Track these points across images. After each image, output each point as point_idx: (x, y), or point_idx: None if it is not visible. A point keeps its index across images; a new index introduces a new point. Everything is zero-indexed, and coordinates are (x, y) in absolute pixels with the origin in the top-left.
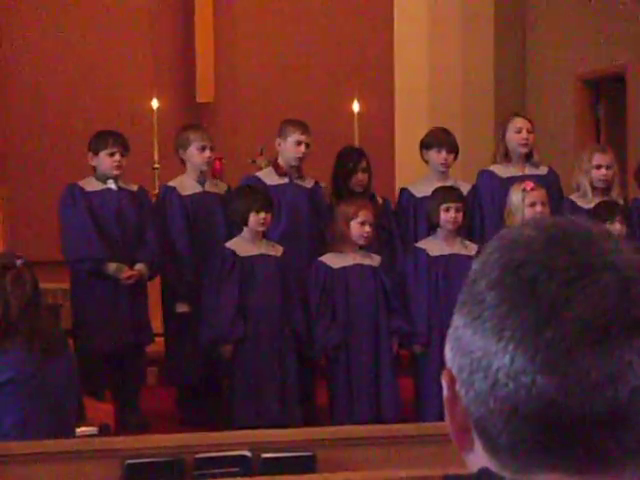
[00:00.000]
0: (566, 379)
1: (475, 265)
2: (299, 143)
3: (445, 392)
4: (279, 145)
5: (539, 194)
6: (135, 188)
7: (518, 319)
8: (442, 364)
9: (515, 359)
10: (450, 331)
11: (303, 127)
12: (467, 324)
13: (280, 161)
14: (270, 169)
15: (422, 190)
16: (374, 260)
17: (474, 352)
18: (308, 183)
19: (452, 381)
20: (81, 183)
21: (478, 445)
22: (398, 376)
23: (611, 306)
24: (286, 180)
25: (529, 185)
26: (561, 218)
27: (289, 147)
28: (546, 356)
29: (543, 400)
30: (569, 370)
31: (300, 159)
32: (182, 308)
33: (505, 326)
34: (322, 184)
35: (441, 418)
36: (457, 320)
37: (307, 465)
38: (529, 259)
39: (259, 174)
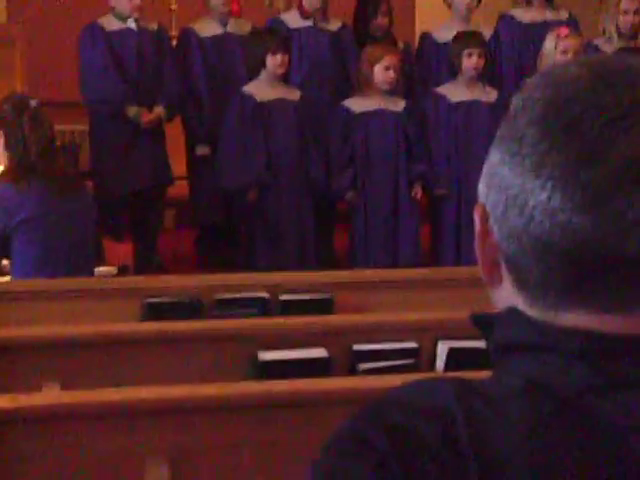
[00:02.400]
0: (602, 218)
1: (516, 101)
2: None
3: (477, 227)
4: None
5: (572, 42)
6: (155, 27)
7: (558, 157)
8: (459, 210)
9: (552, 197)
10: (485, 167)
11: None
12: (505, 160)
13: (305, 3)
14: (294, 11)
15: (444, 35)
16: (398, 105)
17: (510, 188)
18: (333, 26)
19: (485, 216)
20: (100, 22)
21: (507, 281)
22: (417, 222)
23: None
24: (310, 23)
25: (563, 32)
26: (608, 56)
27: None
28: (584, 195)
29: (578, 239)
30: (606, 209)
31: (324, 0)
32: (202, 150)
33: (544, 163)
34: None
35: (457, 264)
36: (494, 156)
37: (325, 307)
38: (574, 96)
39: (283, 16)
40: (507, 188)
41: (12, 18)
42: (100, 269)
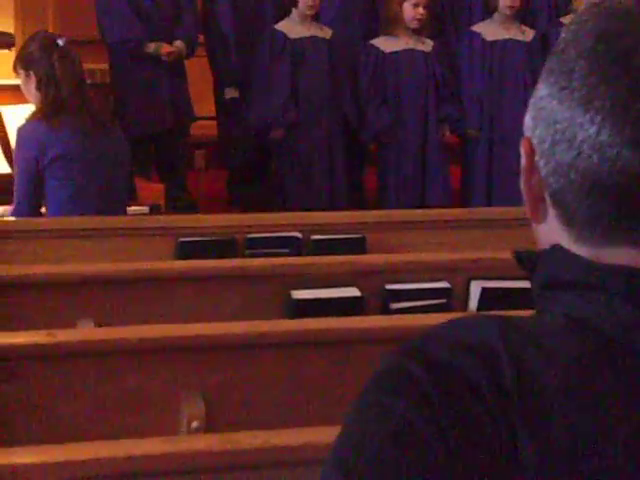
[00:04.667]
0: None
1: (565, 34)
2: None
3: (523, 161)
4: None
5: None
6: None
7: (609, 90)
8: (491, 151)
9: (602, 131)
10: (532, 100)
11: None
12: (553, 94)
13: None
14: None
15: None
16: (426, 45)
17: (558, 122)
18: None
19: (531, 151)
20: None
21: (552, 217)
22: (447, 163)
23: None
24: None
25: None
26: None
27: None
28: (634, 129)
29: (627, 173)
30: None
31: None
32: (231, 94)
33: (594, 97)
34: None
35: (487, 205)
36: (542, 89)
37: (357, 247)
38: (625, 29)
39: None
40: (555, 122)
41: None
42: (132, 208)
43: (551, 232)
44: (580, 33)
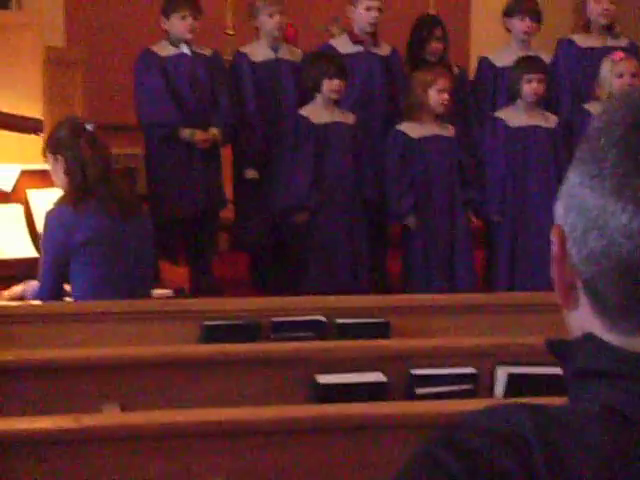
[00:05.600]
0: None
1: (596, 123)
2: (370, 8)
3: (554, 249)
4: (351, 13)
5: (628, 65)
6: (209, 52)
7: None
8: (514, 236)
9: (633, 219)
10: (563, 188)
11: None
12: (584, 182)
13: (354, 29)
14: (345, 37)
15: (503, 59)
16: (450, 131)
17: (590, 210)
18: (384, 50)
19: (562, 238)
20: (155, 48)
21: (584, 305)
22: (472, 248)
23: None
24: (360, 48)
25: (618, 55)
26: None
27: (361, 14)
28: None
29: None
30: None
31: (373, 25)
32: (251, 174)
33: (625, 185)
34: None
35: (511, 290)
36: (573, 178)
37: (381, 331)
38: None
39: (333, 42)
40: (587, 210)
41: (71, 42)
42: (157, 292)
43: (583, 319)
44: (611, 122)
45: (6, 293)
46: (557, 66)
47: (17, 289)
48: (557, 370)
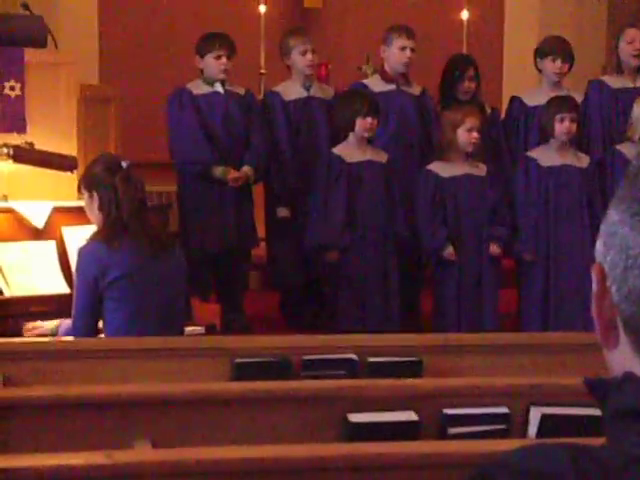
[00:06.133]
0: None
1: (635, 162)
2: (404, 48)
3: (594, 287)
4: (384, 52)
5: None
6: (242, 91)
7: None
8: (546, 275)
9: None
10: (603, 227)
11: (407, 32)
12: (625, 220)
13: (386, 68)
14: (377, 76)
15: (534, 99)
16: (481, 169)
17: (631, 248)
18: (415, 90)
19: (603, 277)
20: (189, 86)
21: (624, 344)
22: (500, 287)
23: None
24: (393, 87)
25: None
26: None
27: (394, 53)
28: None
29: None
30: None
31: (407, 65)
32: (283, 213)
33: None
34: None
35: (544, 330)
36: (613, 215)
37: (413, 370)
38: None
39: (366, 81)
40: (627, 248)
41: (105, 79)
42: (189, 328)
43: (623, 359)
44: None
45: (36, 328)
46: (588, 107)
47: (49, 326)
48: (591, 411)
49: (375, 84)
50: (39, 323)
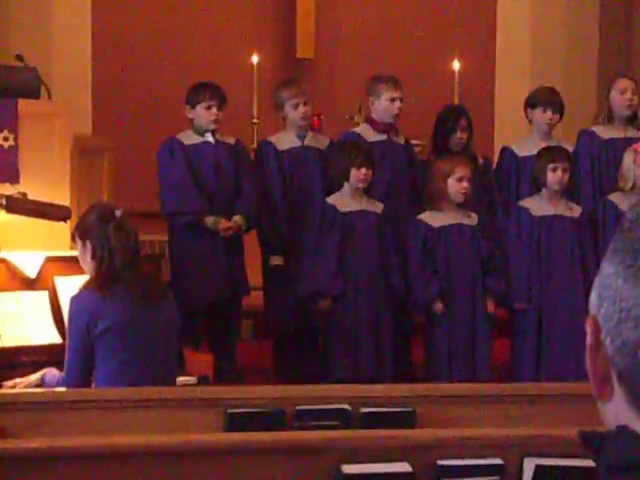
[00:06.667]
0: None
1: (630, 214)
2: (393, 100)
3: (588, 339)
4: (372, 103)
5: None
6: (232, 141)
7: None
8: (539, 325)
9: None
10: (597, 279)
11: (395, 83)
12: (618, 272)
13: (375, 118)
14: (366, 125)
15: (525, 149)
16: (472, 219)
17: (625, 301)
18: (401, 139)
19: (597, 329)
20: (179, 136)
21: (618, 396)
22: (493, 337)
23: None
24: (384, 136)
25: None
26: None
27: (384, 105)
28: None
29: None
30: None
31: (396, 115)
32: (276, 261)
33: None
34: (418, 142)
35: (536, 379)
36: (607, 268)
37: (406, 420)
38: None
39: (357, 130)
40: (621, 300)
41: (99, 130)
42: (181, 378)
43: (618, 411)
44: None
45: (22, 382)
46: (579, 157)
47: (34, 377)
48: (585, 462)
49: (366, 133)
50: (18, 380)
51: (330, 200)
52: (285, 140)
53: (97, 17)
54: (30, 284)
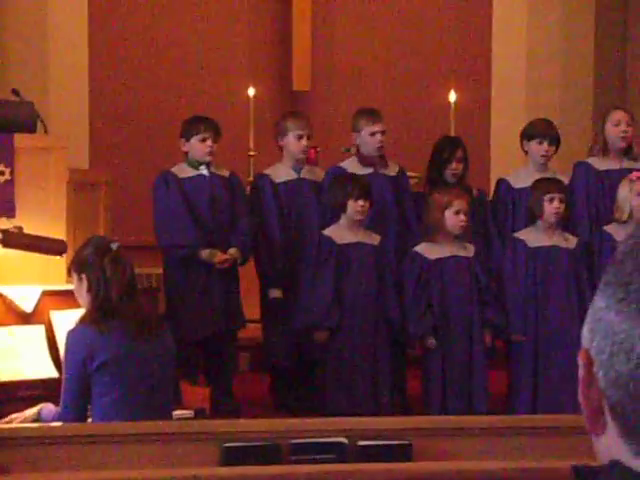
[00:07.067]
0: None
1: (622, 247)
2: (373, 134)
3: (581, 373)
4: (356, 139)
5: None
6: (227, 174)
7: None
8: (536, 356)
9: None
10: (590, 312)
11: (373, 117)
12: (610, 305)
13: (362, 150)
14: (354, 159)
15: (520, 181)
16: (468, 251)
17: (616, 334)
18: (392, 171)
19: (589, 362)
20: (174, 170)
21: (611, 429)
22: (489, 369)
23: None
24: (370, 170)
25: (635, 175)
26: None
27: (365, 140)
28: None
29: None
30: None
31: (380, 148)
32: (274, 294)
33: None
34: (414, 174)
35: (533, 411)
36: (599, 301)
37: (403, 453)
38: None
39: (343, 164)
40: (613, 333)
41: (95, 164)
42: (177, 412)
43: (611, 445)
44: (637, 247)
45: (18, 417)
46: (575, 188)
47: (30, 412)
48: None
49: (353, 167)
50: (15, 415)
51: (327, 232)
52: (281, 172)
53: (94, 52)
54: (26, 318)
